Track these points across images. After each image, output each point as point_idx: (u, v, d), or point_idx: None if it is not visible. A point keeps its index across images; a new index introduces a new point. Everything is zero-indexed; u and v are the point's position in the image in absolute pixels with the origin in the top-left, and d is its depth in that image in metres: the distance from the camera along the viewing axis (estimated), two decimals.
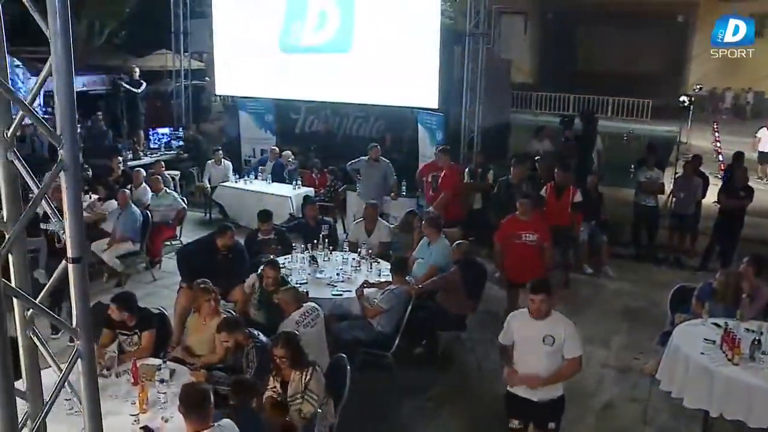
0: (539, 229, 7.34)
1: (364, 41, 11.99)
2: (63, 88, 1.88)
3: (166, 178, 11.02)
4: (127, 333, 5.73)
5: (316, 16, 12.44)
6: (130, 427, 4.44)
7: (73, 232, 1.99)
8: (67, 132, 1.90)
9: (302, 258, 7.67)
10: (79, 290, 2.05)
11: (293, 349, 5.00)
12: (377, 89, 12.03)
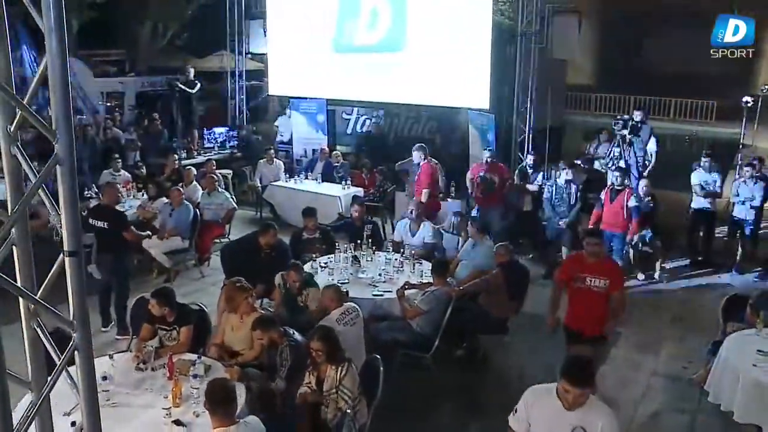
0: (611, 275, 5.93)
1: (416, 41, 11.94)
2: (58, 83, 1.89)
3: (218, 177, 11.17)
4: (166, 328, 5.81)
5: (368, 16, 12.44)
6: (162, 420, 4.50)
7: (69, 225, 2.00)
8: (62, 126, 1.91)
9: (345, 258, 7.66)
10: (75, 283, 2.05)
11: (329, 344, 5.00)
12: (429, 89, 11.96)
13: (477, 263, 7.45)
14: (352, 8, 12.65)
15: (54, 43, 1.87)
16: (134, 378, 5.12)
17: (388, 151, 13.07)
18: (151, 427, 4.42)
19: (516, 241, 10.13)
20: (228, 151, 14.31)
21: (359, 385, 5.04)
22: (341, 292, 6.26)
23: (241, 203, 12.99)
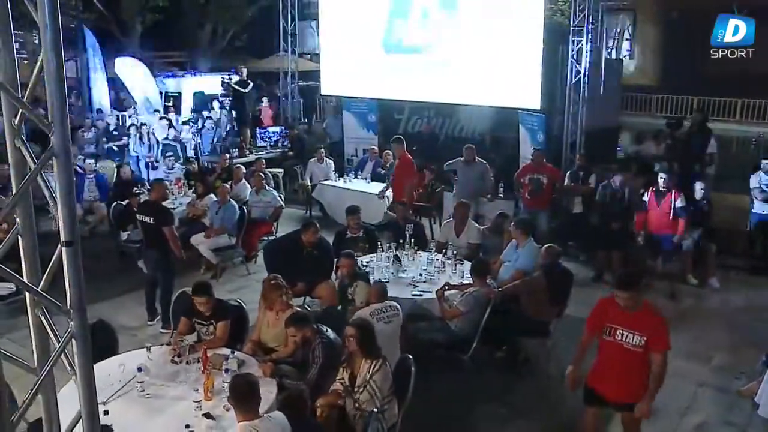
0: (651, 330, 4.64)
1: (467, 40, 11.85)
2: (53, 77, 1.92)
3: (267, 176, 11.31)
4: (203, 322, 5.89)
5: (419, 16, 12.39)
6: (192, 413, 4.55)
7: (65, 216, 2.03)
8: (58, 119, 1.94)
9: (387, 257, 7.64)
10: (72, 272, 2.09)
11: (363, 333, 5.01)
12: (480, 89, 11.86)
13: (520, 265, 7.32)
14: (402, 8, 12.62)
15: (49, 37, 1.90)
16: (169, 370, 5.20)
17: (439, 151, 12.99)
18: (182, 419, 4.47)
19: (565, 244, 9.97)
20: (280, 150, 14.48)
21: (391, 385, 5.01)
22: (385, 290, 6.26)
23: (292, 202, 13.15)
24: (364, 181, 11.98)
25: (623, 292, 4.64)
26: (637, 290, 4.68)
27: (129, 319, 7.98)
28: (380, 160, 12.44)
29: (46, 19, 1.89)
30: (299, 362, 5.47)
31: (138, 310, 8.12)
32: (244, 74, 14.41)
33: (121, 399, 4.78)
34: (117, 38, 23.30)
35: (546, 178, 9.66)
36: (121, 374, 5.01)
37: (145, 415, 4.61)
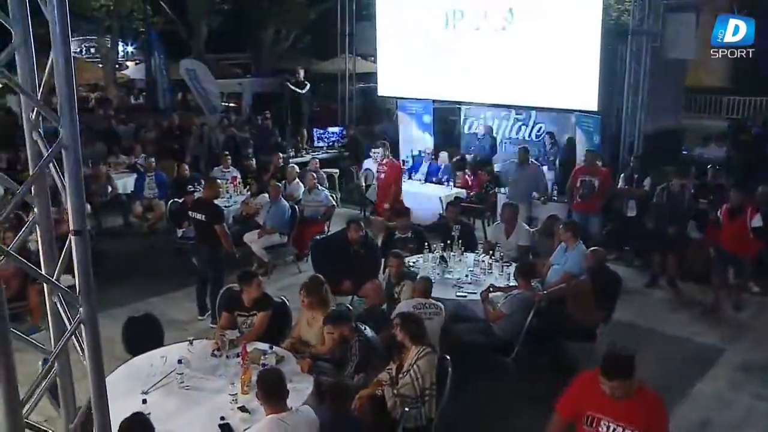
0: (645, 423, 3.63)
1: (524, 41, 11.71)
2: (62, 73, 1.99)
3: (321, 176, 11.42)
4: (244, 314, 5.99)
5: (476, 17, 12.31)
6: (228, 405, 4.63)
7: (73, 206, 2.09)
8: (66, 113, 2.01)
9: (433, 258, 7.61)
10: (81, 260, 2.15)
11: (410, 322, 5.11)
12: (536, 91, 11.69)
13: (568, 268, 7.20)
14: (459, 9, 12.55)
15: (58, 34, 1.97)
16: (209, 364, 5.31)
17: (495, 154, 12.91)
18: (217, 412, 4.54)
19: (619, 248, 9.76)
20: (336, 151, 14.60)
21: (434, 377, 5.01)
22: (430, 287, 6.26)
23: (347, 202, 13.26)
24: (418, 182, 11.96)
25: (611, 380, 3.55)
26: (629, 378, 3.57)
27: (180, 314, 8.17)
28: (436, 161, 12.41)
29: (55, 14, 1.95)
30: (337, 360, 5.50)
31: (190, 306, 8.30)
32: (301, 75, 14.60)
33: (162, 389, 4.91)
34: (184, 41, 23.96)
35: (598, 181, 9.45)
36: (163, 366, 5.14)
37: (182, 405, 4.72)
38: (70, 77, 2.01)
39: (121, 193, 12.00)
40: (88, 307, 2.20)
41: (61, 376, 2.29)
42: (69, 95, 2.00)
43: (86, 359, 2.19)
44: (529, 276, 6.60)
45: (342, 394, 4.47)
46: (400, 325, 5.03)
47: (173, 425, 4.45)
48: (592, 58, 10.72)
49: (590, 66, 10.75)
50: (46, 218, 2.27)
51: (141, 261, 10.21)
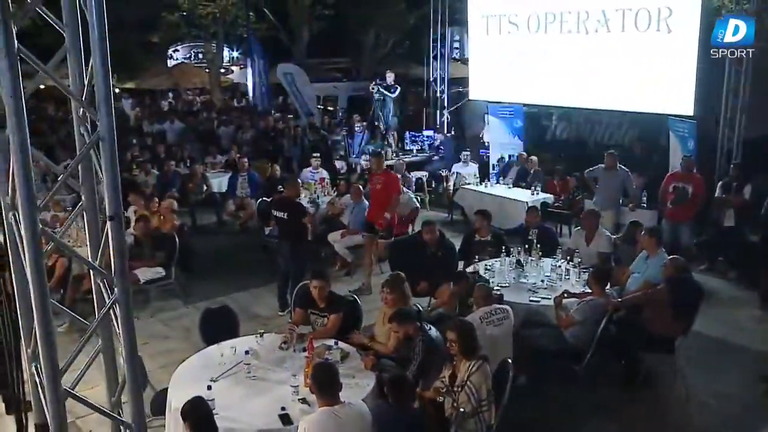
0: None
1: (617, 43, 11.42)
2: (100, 72, 2.15)
3: (407, 178, 11.52)
4: (317, 313, 6.14)
5: (569, 20, 12.10)
6: (290, 397, 4.78)
7: (109, 193, 2.25)
8: (103, 109, 2.17)
9: (510, 262, 7.56)
10: (116, 244, 2.30)
11: (464, 336, 5.00)
12: (629, 95, 11.37)
13: (648, 276, 6.98)
14: (552, 12, 12.37)
15: (96, 35, 2.13)
16: (277, 356, 5.48)
17: (587, 158, 12.59)
18: (279, 402, 4.69)
19: (713, 259, 9.36)
20: (426, 154, 14.68)
21: (490, 387, 4.97)
22: (490, 292, 6.21)
23: (436, 205, 13.31)
24: (505, 186, 11.86)
25: None
26: None
27: (263, 309, 8.45)
28: (525, 165, 12.28)
29: (94, 18, 2.12)
30: (401, 358, 5.56)
31: (273, 302, 8.57)
32: (391, 79, 14.77)
33: (229, 378, 5.11)
34: (286, 46, 24.70)
35: (692, 188, 9.09)
36: (232, 356, 5.36)
37: (246, 394, 4.90)
38: (107, 76, 2.18)
39: (216, 191, 12.50)
40: (122, 287, 2.36)
41: (104, 351, 2.46)
42: (106, 92, 2.17)
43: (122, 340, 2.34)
44: (604, 283, 6.44)
45: (400, 385, 4.51)
46: (455, 335, 4.99)
47: (235, 412, 4.62)
48: (689, 60, 10.33)
49: (686, 68, 10.37)
50: (92, 205, 2.44)
51: (230, 257, 10.62)
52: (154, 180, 12.16)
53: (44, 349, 2.18)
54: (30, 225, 2.07)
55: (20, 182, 2.05)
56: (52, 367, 2.22)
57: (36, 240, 2.10)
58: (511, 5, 13.23)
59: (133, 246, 8.69)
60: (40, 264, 2.11)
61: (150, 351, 7.27)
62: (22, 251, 2.22)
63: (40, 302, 2.13)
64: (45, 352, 2.18)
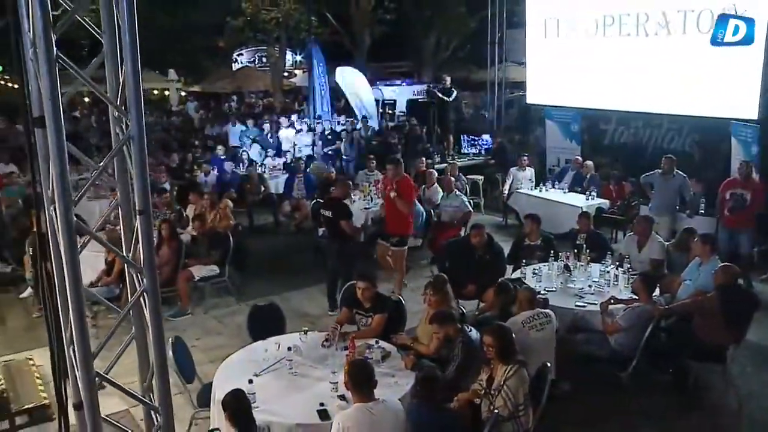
0: None
1: (677, 46, 11.19)
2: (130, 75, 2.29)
3: (461, 181, 11.54)
4: (363, 314, 6.24)
5: (628, 23, 11.92)
6: (329, 393, 4.89)
7: (138, 189, 2.39)
8: (133, 109, 2.31)
9: (558, 266, 7.52)
10: (144, 237, 2.43)
11: (501, 340, 5.01)
12: (690, 98, 11.12)
13: (700, 284, 6.82)
14: (611, 15, 12.21)
15: (127, 38, 2.27)
16: (319, 353, 5.60)
17: (646, 163, 12.37)
18: (318, 398, 4.82)
19: None
20: (482, 158, 14.66)
21: (527, 391, 4.98)
22: (534, 296, 6.19)
23: (491, 209, 13.29)
24: (561, 191, 11.76)
25: None
26: None
27: (313, 308, 8.61)
28: (581, 170, 12.14)
29: (126, 24, 2.26)
30: (442, 359, 5.61)
31: (323, 301, 8.71)
32: (448, 83, 14.80)
33: (272, 373, 5.27)
34: (347, 50, 25.01)
35: (750, 195, 8.84)
36: (276, 352, 5.51)
37: (287, 389, 5.04)
38: (137, 79, 2.32)
39: (273, 192, 12.76)
40: (151, 278, 2.49)
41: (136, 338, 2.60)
42: (136, 94, 2.31)
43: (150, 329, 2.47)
44: (651, 289, 6.35)
45: (429, 384, 4.57)
46: (492, 339, 5.01)
47: (275, 406, 4.76)
48: (754, 61, 10.04)
49: (751, 70, 10.08)
50: (126, 200, 2.58)
51: (284, 257, 10.85)
52: (214, 180, 12.50)
53: (77, 333, 2.33)
54: (65, 217, 2.23)
55: (56, 178, 2.20)
56: (84, 350, 2.37)
57: (71, 232, 2.26)
58: (570, 8, 13.10)
59: (189, 244, 8.99)
60: (74, 254, 2.26)
61: (202, 346, 7.52)
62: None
63: (73, 290, 2.29)
64: (78, 336, 2.34)
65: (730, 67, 10.40)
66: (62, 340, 2.54)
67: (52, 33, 2.11)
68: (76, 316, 2.31)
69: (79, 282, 2.31)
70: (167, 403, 2.53)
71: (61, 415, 2.72)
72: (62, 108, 2.17)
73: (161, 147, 15.42)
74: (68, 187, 2.18)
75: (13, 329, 8.20)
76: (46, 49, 2.11)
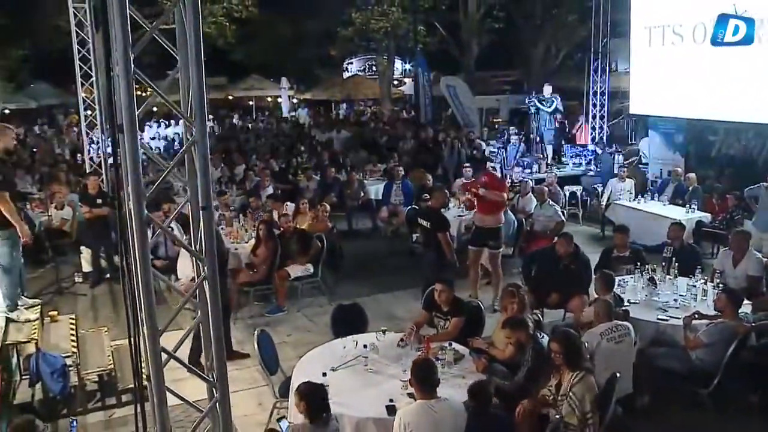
0: None
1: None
2: (195, 85, 2.60)
3: (556, 191, 11.49)
4: (441, 316, 6.43)
5: (739, 30, 11.44)
6: (398, 391, 5.11)
7: (201, 187, 2.69)
8: (198, 116, 2.61)
9: (643, 279, 7.42)
10: (206, 229, 2.73)
11: (568, 347, 5.09)
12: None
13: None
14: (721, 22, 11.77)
15: (193, 56, 2.59)
16: (395, 353, 5.83)
17: (755, 176, 11.85)
18: (388, 394, 5.04)
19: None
20: (582, 168, 14.48)
21: (594, 399, 5.01)
22: (611, 308, 6.17)
23: (589, 220, 13.11)
24: (660, 204, 11.48)
25: None
26: None
27: (401, 311, 8.82)
28: (684, 182, 11.80)
29: (192, 38, 2.56)
30: (514, 364, 5.71)
31: (413, 305, 8.91)
32: (548, 93, 14.71)
33: (348, 369, 5.55)
34: (455, 59, 25.19)
35: None
36: (353, 349, 5.79)
37: (359, 384, 5.31)
38: (202, 89, 2.61)
39: (373, 198, 13.12)
40: (211, 267, 2.78)
41: (201, 321, 2.90)
42: (200, 103, 2.61)
43: (209, 310, 2.77)
44: (736, 305, 6.17)
45: (479, 393, 4.67)
46: (559, 346, 5.07)
47: (347, 399, 5.02)
48: None
49: None
50: (195, 196, 2.87)
51: (379, 261, 11.16)
52: (315, 185, 12.99)
53: (146, 313, 2.66)
54: (138, 213, 2.57)
55: (132, 178, 2.54)
56: (152, 328, 2.70)
57: (143, 226, 2.59)
58: (676, 15, 12.72)
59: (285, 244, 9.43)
60: (145, 245, 2.60)
61: (292, 342, 7.91)
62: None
63: (144, 278, 2.63)
64: (147, 316, 2.67)
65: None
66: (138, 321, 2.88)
67: (131, 52, 2.45)
68: (145, 297, 2.64)
69: (148, 268, 2.64)
70: (223, 380, 2.82)
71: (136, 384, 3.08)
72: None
73: (269, 152, 16.14)
74: (141, 186, 2.51)
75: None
76: (125, 66, 2.45)
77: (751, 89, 11.34)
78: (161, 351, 2.73)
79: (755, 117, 11.66)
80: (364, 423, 4.82)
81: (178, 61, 2.75)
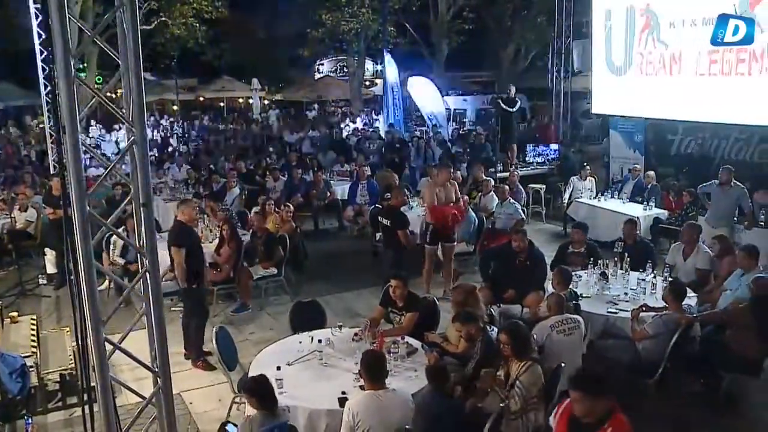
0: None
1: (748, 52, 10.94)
2: (135, 89, 2.73)
3: (518, 190, 11.72)
4: (396, 312, 6.60)
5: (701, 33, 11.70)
6: (352, 383, 5.26)
7: (141, 184, 2.82)
8: (137, 117, 2.74)
9: (595, 273, 7.65)
10: (147, 226, 2.87)
11: (516, 338, 5.25)
12: (761, 108, 10.78)
13: (740, 294, 6.83)
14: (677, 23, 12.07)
15: (132, 58, 2.72)
16: (349, 347, 5.98)
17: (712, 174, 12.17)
18: (341, 387, 5.18)
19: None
20: (545, 168, 14.74)
21: (540, 389, 5.20)
22: (563, 301, 6.38)
23: (552, 218, 13.39)
24: (620, 201, 11.77)
25: (573, 391, 4.07)
26: (592, 396, 3.99)
27: (363, 309, 8.95)
28: (642, 180, 12.10)
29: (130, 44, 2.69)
30: (464, 357, 5.89)
31: (374, 302, 9.01)
32: (512, 93, 14.93)
33: (303, 363, 5.69)
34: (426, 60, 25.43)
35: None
36: (310, 344, 5.93)
37: (313, 378, 5.46)
38: (140, 93, 2.74)
39: (339, 198, 13.26)
40: (151, 260, 2.91)
41: (146, 314, 3.03)
42: (139, 105, 2.74)
43: (150, 306, 2.90)
44: (680, 297, 6.40)
45: (436, 374, 4.86)
46: (507, 337, 5.25)
47: (300, 392, 5.18)
48: None
49: None
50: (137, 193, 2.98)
51: (343, 260, 11.32)
52: (282, 186, 13.10)
53: (89, 303, 2.78)
54: (80, 208, 2.69)
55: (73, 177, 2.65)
56: (95, 319, 2.82)
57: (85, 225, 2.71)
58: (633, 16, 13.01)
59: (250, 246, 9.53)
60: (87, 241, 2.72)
61: (254, 339, 8.04)
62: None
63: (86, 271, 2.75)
64: (90, 306, 2.78)
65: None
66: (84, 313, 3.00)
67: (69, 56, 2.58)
68: (88, 289, 2.76)
69: (91, 264, 2.76)
70: (165, 370, 2.95)
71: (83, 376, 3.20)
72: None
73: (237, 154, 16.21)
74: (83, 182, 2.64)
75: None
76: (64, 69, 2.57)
77: (707, 89, 11.57)
78: (105, 341, 2.86)
79: (711, 116, 11.93)
80: (317, 414, 4.96)
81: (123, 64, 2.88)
